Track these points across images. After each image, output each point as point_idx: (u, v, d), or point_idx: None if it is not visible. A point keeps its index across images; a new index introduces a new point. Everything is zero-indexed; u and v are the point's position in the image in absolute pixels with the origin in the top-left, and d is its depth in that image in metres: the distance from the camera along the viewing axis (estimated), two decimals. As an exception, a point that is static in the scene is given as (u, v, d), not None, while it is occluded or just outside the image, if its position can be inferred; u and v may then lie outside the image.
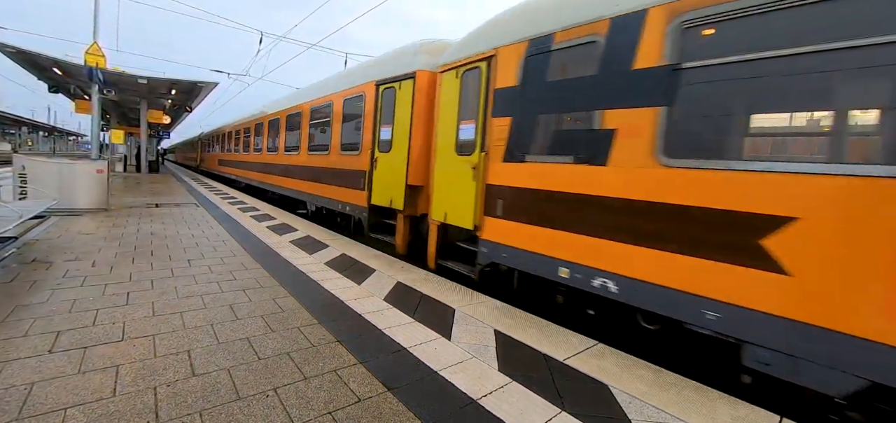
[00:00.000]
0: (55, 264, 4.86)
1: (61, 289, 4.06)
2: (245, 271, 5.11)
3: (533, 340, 3.56)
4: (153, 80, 18.11)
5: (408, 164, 6.60)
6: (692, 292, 3.24)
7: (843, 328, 2.59)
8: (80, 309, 3.60)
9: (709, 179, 3.18)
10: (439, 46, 6.70)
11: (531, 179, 4.56)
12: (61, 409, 2.24)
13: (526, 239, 4.58)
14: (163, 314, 3.62)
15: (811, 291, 2.71)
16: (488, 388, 2.74)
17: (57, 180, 8.77)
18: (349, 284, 4.88)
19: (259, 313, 3.78)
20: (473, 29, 5.84)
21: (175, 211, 9.99)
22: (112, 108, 25.38)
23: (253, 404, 2.41)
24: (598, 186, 3.91)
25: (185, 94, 21.59)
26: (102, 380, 2.54)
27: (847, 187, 2.61)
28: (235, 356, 2.96)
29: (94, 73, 12.58)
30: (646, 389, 2.85)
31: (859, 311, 2.55)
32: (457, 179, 5.57)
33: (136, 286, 4.29)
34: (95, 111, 13.44)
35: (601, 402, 2.67)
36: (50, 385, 2.45)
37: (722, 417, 2.57)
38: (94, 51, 12.60)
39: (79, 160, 10.00)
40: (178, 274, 4.82)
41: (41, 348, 2.88)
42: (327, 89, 9.91)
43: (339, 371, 2.84)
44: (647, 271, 3.52)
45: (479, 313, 4.12)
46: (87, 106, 17.72)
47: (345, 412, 2.40)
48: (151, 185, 17.38)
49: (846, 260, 2.59)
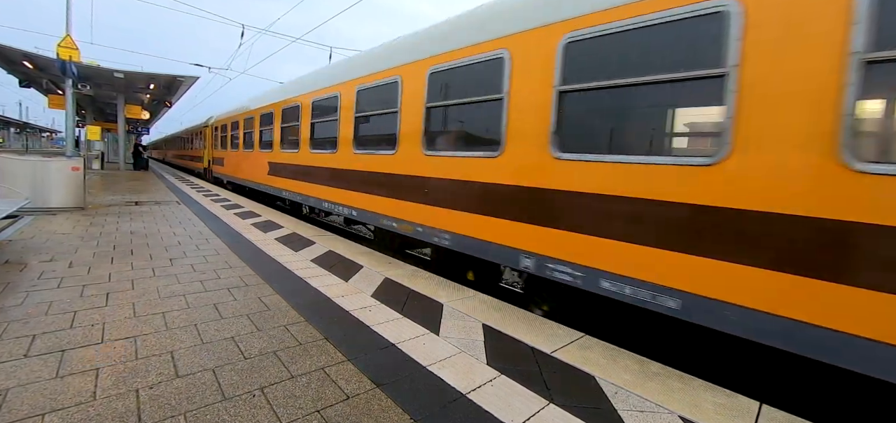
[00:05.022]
0: (30, 266, 4.70)
1: (37, 291, 3.93)
2: (229, 270, 5.03)
3: (521, 333, 3.59)
4: (130, 74, 17.62)
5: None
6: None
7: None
8: (57, 311, 3.50)
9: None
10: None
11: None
12: (39, 414, 2.17)
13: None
14: (144, 315, 3.54)
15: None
16: (477, 382, 2.76)
17: (30, 179, 8.49)
18: (336, 280, 4.84)
19: (244, 312, 3.73)
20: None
21: (156, 209, 9.75)
22: (88, 103, 24.63)
23: (239, 404, 2.38)
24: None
25: (164, 88, 21.07)
26: (82, 383, 2.47)
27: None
28: (220, 355, 2.92)
29: (68, 66, 12.17)
30: (631, 379, 2.90)
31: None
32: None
33: (116, 287, 4.18)
34: (70, 107, 13.01)
35: (588, 393, 2.71)
36: (26, 390, 2.37)
37: (704, 404, 2.63)
38: (67, 44, 12.18)
39: (53, 158, 9.67)
40: (160, 274, 4.71)
41: (16, 352, 2.79)
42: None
43: (327, 369, 2.82)
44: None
45: (468, 308, 4.14)
46: (61, 101, 17.12)
47: (333, 410, 2.38)
48: (131, 182, 16.93)
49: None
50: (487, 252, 4.75)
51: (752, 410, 2.59)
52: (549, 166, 4.11)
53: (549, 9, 4.17)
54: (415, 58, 5.91)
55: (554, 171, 4.07)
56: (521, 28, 4.43)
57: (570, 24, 3.95)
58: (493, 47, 4.72)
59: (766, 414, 2.55)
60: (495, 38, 4.70)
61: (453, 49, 5.25)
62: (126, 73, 17.37)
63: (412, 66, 5.94)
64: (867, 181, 2.45)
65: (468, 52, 5.04)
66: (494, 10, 4.90)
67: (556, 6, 4.10)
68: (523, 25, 4.40)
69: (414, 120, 5.83)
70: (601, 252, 3.69)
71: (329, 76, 8.55)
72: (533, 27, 4.31)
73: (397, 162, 6.16)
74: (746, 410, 2.59)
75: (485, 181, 4.78)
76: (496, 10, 4.87)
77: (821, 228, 2.60)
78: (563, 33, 4.00)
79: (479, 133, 5.14)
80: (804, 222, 2.66)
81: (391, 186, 6.33)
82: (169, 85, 20.30)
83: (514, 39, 4.49)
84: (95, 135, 21.66)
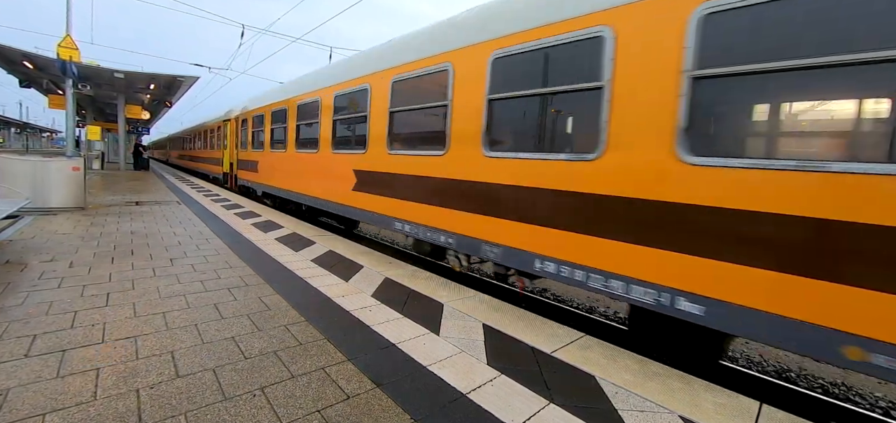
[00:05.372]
0: (30, 266, 4.70)
1: (37, 291, 3.94)
2: (230, 270, 5.03)
3: (521, 333, 3.59)
4: (131, 74, 17.63)
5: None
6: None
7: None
8: (57, 311, 3.50)
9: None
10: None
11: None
12: (39, 414, 2.18)
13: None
14: (145, 315, 3.54)
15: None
16: (477, 382, 2.76)
17: (31, 179, 8.49)
18: (336, 280, 4.84)
19: (245, 312, 3.73)
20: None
21: (156, 209, 9.75)
22: (88, 103, 24.64)
23: (239, 404, 2.38)
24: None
25: (164, 88, 21.08)
26: (82, 383, 2.47)
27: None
28: (221, 355, 2.92)
29: (68, 67, 12.17)
30: (632, 379, 2.90)
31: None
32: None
33: (117, 287, 4.18)
34: (70, 107, 13.01)
35: (588, 393, 2.71)
36: (27, 390, 2.38)
37: (704, 404, 2.63)
38: (67, 44, 12.19)
39: (53, 158, 9.68)
40: (161, 274, 4.71)
41: (17, 352, 2.79)
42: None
43: (328, 369, 2.82)
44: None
45: (468, 308, 4.14)
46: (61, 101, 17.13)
47: (333, 410, 2.39)
48: (131, 182, 16.93)
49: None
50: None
51: (752, 410, 2.59)
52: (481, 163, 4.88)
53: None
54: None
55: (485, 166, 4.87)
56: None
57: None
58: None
59: (766, 414, 2.55)
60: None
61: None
62: (126, 73, 17.38)
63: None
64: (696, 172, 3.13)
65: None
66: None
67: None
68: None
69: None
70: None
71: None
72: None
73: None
74: (747, 410, 2.59)
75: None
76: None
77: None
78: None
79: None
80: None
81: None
82: (169, 85, 20.30)
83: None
84: (96, 135, 21.66)
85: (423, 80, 5.83)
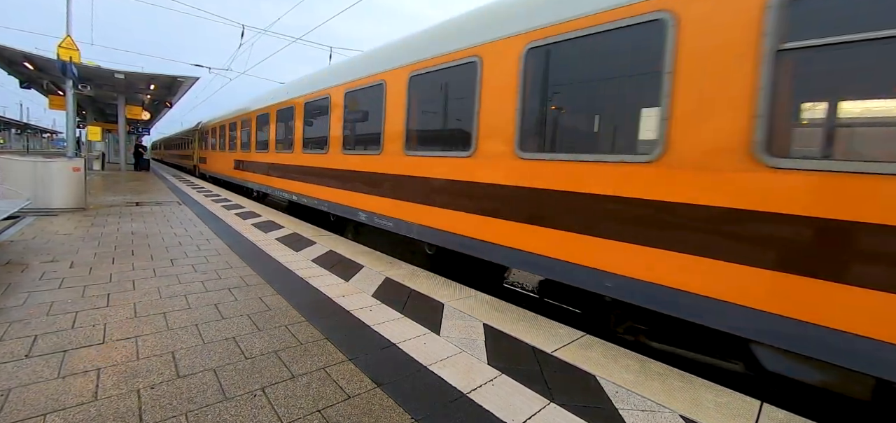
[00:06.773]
0: (31, 266, 4.70)
1: (38, 291, 3.94)
2: (230, 270, 5.03)
3: (522, 333, 3.59)
4: (131, 74, 17.63)
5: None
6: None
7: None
8: (58, 312, 3.50)
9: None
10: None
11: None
12: (40, 415, 2.18)
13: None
14: (145, 315, 3.54)
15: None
16: (478, 381, 2.76)
17: (31, 179, 8.49)
18: (337, 280, 4.84)
19: (245, 312, 3.73)
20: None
21: (156, 209, 9.76)
22: (88, 104, 24.64)
23: (240, 404, 2.38)
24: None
25: (164, 89, 21.07)
26: (83, 384, 2.48)
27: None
28: (221, 356, 2.92)
29: (68, 67, 12.16)
30: (632, 378, 2.90)
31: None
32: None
33: (117, 287, 4.19)
34: (70, 108, 12.99)
35: (589, 392, 2.71)
36: (28, 391, 2.38)
37: (705, 403, 2.63)
38: (67, 44, 12.18)
39: (54, 158, 9.68)
40: (161, 274, 4.72)
41: (18, 352, 2.79)
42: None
43: (328, 369, 2.82)
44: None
45: (468, 308, 4.14)
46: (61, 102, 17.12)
47: (334, 409, 2.39)
48: (131, 183, 16.94)
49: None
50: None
51: (752, 409, 2.59)
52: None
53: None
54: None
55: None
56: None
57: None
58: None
59: (766, 413, 2.55)
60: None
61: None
62: (126, 73, 17.37)
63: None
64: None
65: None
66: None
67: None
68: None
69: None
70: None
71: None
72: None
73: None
74: (747, 409, 2.59)
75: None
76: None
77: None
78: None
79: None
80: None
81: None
82: (169, 85, 20.29)
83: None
84: (96, 135, 21.64)
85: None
